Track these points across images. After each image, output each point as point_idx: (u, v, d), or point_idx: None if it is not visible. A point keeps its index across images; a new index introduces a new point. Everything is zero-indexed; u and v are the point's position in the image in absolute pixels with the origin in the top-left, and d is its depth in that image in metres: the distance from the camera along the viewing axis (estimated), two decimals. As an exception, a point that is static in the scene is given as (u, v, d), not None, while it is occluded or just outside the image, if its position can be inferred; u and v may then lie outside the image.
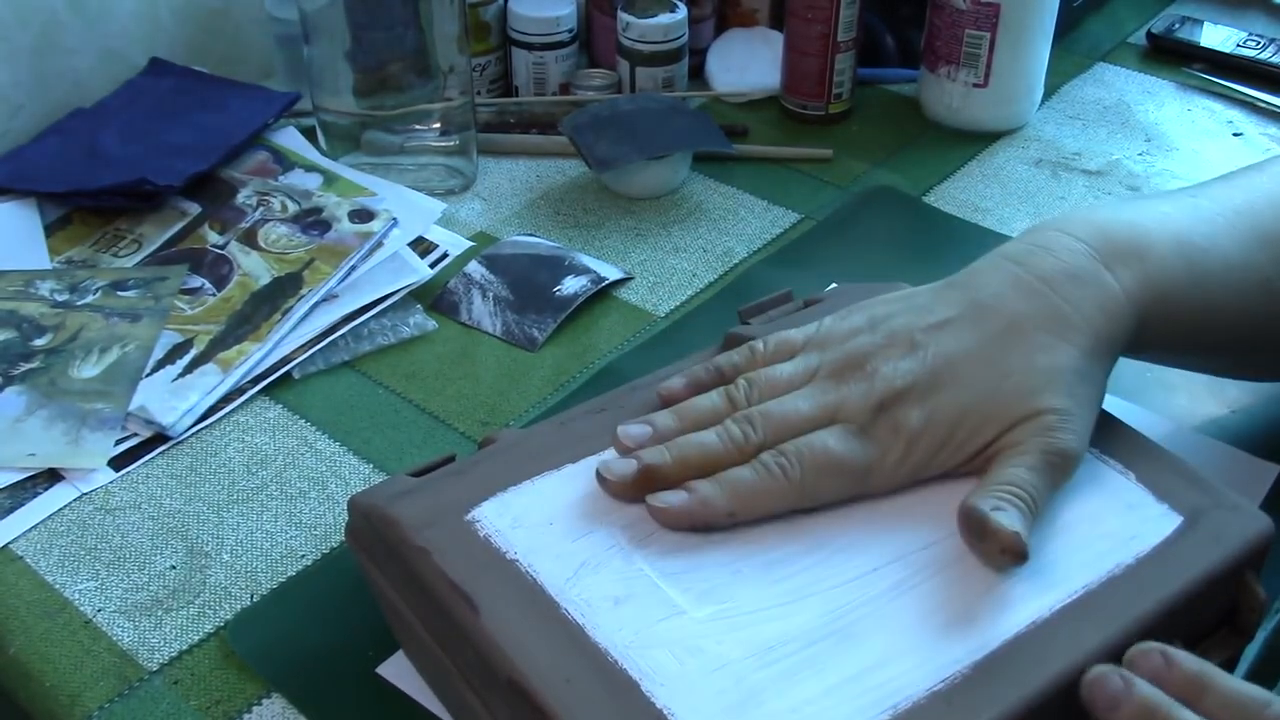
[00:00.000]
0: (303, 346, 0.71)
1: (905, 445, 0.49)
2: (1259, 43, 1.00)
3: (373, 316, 0.73)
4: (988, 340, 0.50)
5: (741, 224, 0.83)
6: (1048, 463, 0.48)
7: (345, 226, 0.77)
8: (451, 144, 0.85)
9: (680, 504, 0.48)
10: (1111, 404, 0.65)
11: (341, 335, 0.72)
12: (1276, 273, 0.56)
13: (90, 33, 0.89)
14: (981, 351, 0.50)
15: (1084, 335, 0.50)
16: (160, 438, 0.66)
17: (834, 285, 0.72)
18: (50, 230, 0.79)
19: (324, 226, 0.77)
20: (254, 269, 0.75)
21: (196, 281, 0.74)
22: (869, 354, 0.51)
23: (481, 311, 0.74)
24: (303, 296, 0.72)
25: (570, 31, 0.93)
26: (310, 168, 0.84)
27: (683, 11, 0.92)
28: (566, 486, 0.49)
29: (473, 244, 0.80)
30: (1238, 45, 1.00)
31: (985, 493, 0.47)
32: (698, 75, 0.99)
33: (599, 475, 0.49)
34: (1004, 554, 0.45)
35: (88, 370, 0.68)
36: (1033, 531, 0.46)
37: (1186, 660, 0.41)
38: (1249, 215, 0.57)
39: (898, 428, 0.49)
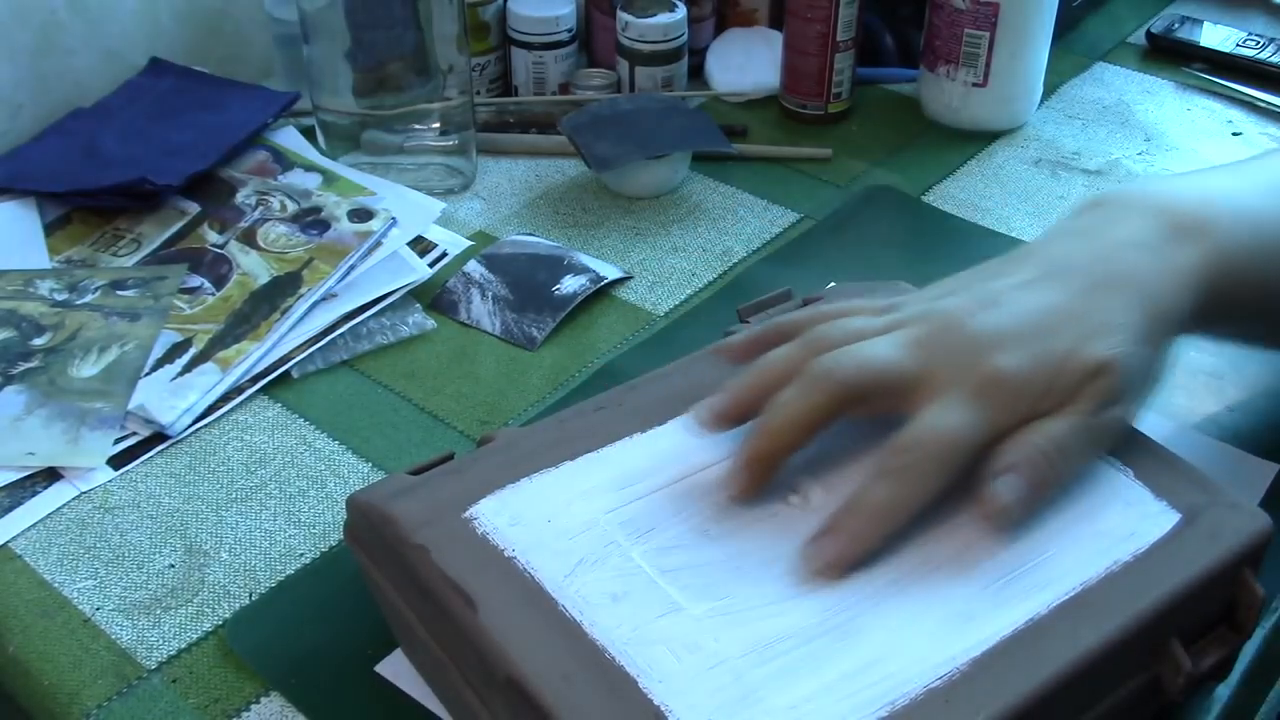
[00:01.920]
0: (302, 345, 0.71)
1: (1014, 395, 0.48)
2: (1258, 42, 1.00)
3: (372, 316, 0.73)
4: (1071, 296, 0.50)
5: (741, 223, 0.83)
6: (1093, 428, 0.48)
7: (344, 226, 0.77)
8: (451, 143, 0.85)
9: (831, 549, 0.47)
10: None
11: (340, 334, 0.72)
12: None
13: (90, 33, 0.90)
14: (1069, 305, 0.50)
15: (1154, 303, 0.50)
16: (159, 437, 0.66)
17: (833, 284, 0.72)
18: (50, 230, 0.79)
19: (323, 226, 0.77)
20: (253, 268, 0.75)
21: (196, 281, 0.74)
22: (956, 309, 0.50)
23: (480, 311, 0.74)
24: (302, 296, 0.72)
25: (570, 31, 0.94)
26: (309, 167, 0.84)
27: (682, 11, 0.93)
28: (564, 484, 0.49)
29: (472, 243, 0.80)
30: (1237, 45, 1.00)
31: (1015, 447, 0.47)
32: (697, 75, 0.99)
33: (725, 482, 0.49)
34: (989, 518, 0.47)
35: (87, 369, 0.68)
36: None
37: None
38: None
39: (1000, 380, 0.48)
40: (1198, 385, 0.68)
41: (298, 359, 0.70)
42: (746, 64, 0.97)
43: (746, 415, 0.50)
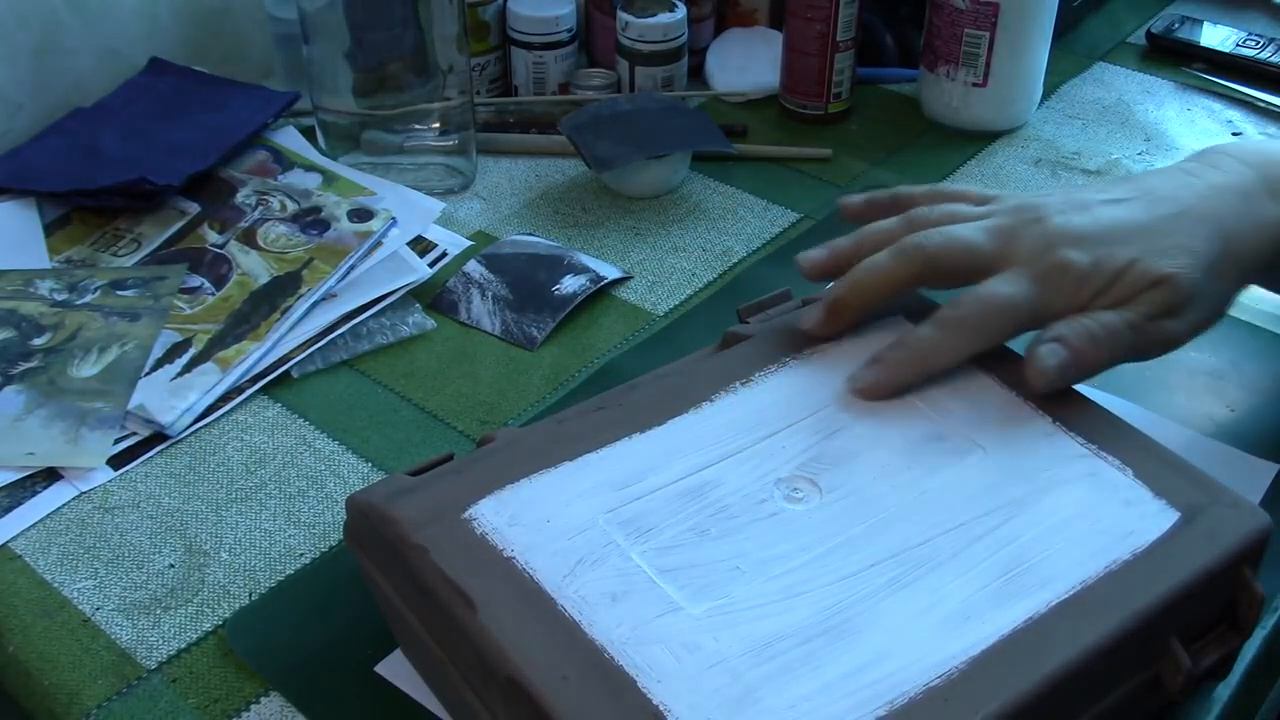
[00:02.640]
0: (302, 345, 0.71)
1: (1074, 284, 0.53)
2: (1258, 42, 1.00)
3: (372, 315, 0.73)
4: (1156, 219, 0.55)
5: (740, 223, 0.83)
6: (1142, 329, 0.53)
7: (344, 226, 0.77)
8: (451, 143, 0.85)
9: (880, 378, 0.53)
10: (1111, 403, 0.66)
11: (340, 334, 0.72)
12: None
13: (90, 33, 0.90)
14: (1150, 225, 0.55)
15: (1233, 243, 0.55)
16: (159, 437, 0.66)
17: (832, 284, 0.72)
18: (50, 230, 0.79)
19: (323, 226, 0.77)
20: (253, 268, 0.75)
21: (196, 281, 0.74)
22: (1045, 206, 0.56)
23: (480, 310, 0.74)
24: (302, 296, 0.72)
25: (569, 31, 0.94)
26: (309, 167, 0.84)
27: (682, 11, 0.93)
28: (564, 484, 0.49)
29: (472, 243, 0.80)
30: (1237, 45, 1.00)
31: (1065, 323, 0.53)
32: (697, 75, 0.99)
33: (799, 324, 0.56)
34: (1029, 379, 0.52)
35: (87, 369, 0.68)
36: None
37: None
38: None
39: (1066, 269, 0.53)
40: (1198, 385, 0.68)
41: (297, 359, 0.70)
42: (746, 64, 0.97)
43: (841, 270, 0.56)
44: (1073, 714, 0.45)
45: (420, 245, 0.78)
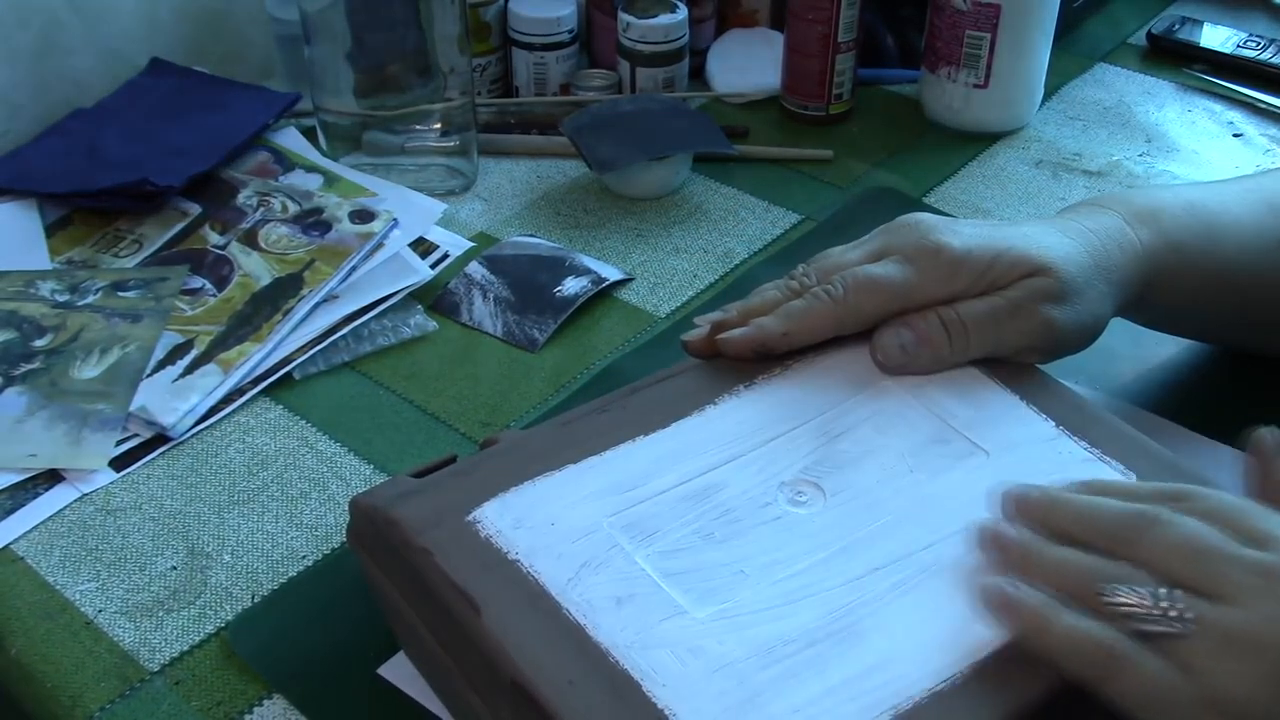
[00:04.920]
0: (303, 347, 0.71)
1: (947, 268, 0.55)
2: (1259, 43, 1.00)
3: (373, 317, 0.73)
4: (1027, 229, 0.57)
5: (742, 225, 0.83)
6: (1015, 314, 0.54)
7: (346, 227, 0.77)
8: (452, 144, 0.85)
9: (740, 333, 0.55)
10: (1111, 403, 0.66)
11: (342, 336, 0.72)
12: None
13: (90, 33, 0.89)
14: (1022, 230, 0.57)
15: (1106, 262, 0.57)
16: (161, 438, 0.66)
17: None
18: (51, 231, 0.79)
19: (324, 227, 0.77)
20: (255, 269, 0.75)
21: (197, 282, 0.74)
22: (923, 220, 0.57)
23: (482, 312, 0.74)
24: (303, 297, 0.72)
25: (571, 32, 0.93)
26: (311, 168, 0.84)
27: (683, 12, 0.92)
28: (568, 487, 0.49)
29: (473, 244, 0.80)
30: (1238, 46, 1.00)
31: (921, 312, 0.55)
32: (698, 76, 0.99)
33: (683, 343, 0.57)
34: (874, 359, 0.55)
35: (88, 371, 0.68)
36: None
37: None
38: (1259, 190, 0.64)
39: (939, 251, 0.55)
40: (1198, 387, 0.68)
41: (299, 360, 0.70)
42: (747, 65, 0.97)
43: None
44: (1076, 719, 0.45)
45: (422, 246, 0.78)
